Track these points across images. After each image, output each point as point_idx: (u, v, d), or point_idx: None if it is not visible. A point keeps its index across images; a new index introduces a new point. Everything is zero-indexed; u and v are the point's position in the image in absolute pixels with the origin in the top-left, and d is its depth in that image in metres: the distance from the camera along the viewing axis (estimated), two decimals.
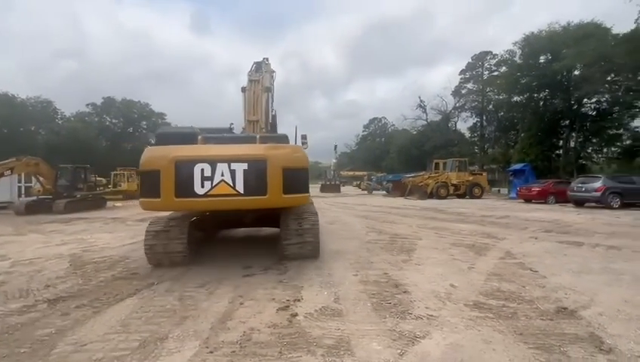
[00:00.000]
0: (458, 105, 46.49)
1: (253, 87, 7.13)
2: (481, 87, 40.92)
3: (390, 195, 25.19)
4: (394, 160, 53.34)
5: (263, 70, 7.65)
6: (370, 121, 76.63)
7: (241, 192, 4.04)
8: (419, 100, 49.74)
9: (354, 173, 43.53)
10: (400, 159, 50.84)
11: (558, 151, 30.29)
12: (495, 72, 39.96)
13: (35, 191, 15.74)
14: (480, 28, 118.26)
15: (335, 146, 39.69)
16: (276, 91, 8.38)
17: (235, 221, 5.68)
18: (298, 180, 4.38)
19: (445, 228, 8.30)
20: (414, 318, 2.92)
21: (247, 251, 5.75)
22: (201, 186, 3.97)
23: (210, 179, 3.99)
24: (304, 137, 6.26)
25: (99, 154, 38.23)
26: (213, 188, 3.99)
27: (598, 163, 30.18)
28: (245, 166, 4.07)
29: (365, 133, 77.26)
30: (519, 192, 17.95)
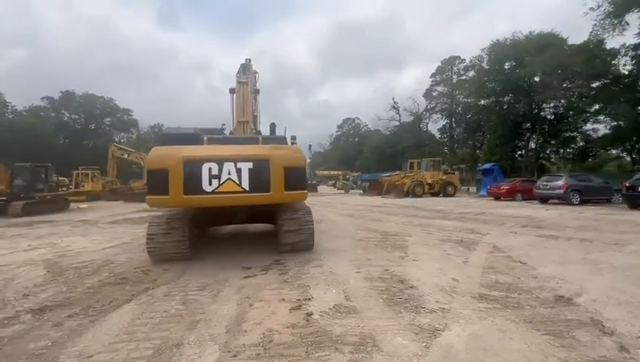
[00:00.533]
0: (429, 107, 48.14)
1: (242, 89, 7.40)
2: (451, 90, 42.74)
3: (367, 194, 25.63)
4: (367, 160, 54.31)
5: (250, 72, 7.86)
6: (344, 122, 77.53)
7: (247, 189, 4.33)
8: (392, 102, 51.08)
9: (329, 172, 43.86)
10: (373, 159, 51.88)
11: (520, 152, 32.38)
12: (463, 76, 41.93)
13: None
14: (445, 34, 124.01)
15: (310, 146, 39.68)
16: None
17: (231, 217, 5.76)
18: (297, 178, 4.67)
19: (430, 224, 8.57)
20: (429, 312, 2.98)
21: (240, 251, 5.59)
22: (209, 184, 4.21)
23: (218, 177, 4.24)
24: (293, 138, 6.64)
25: (57, 152, 35.48)
26: (220, 185, 4.25)
27: (555, 163, 32.68)
28: (250, 165, 4.37)
29: (339, 133, 78.02)
30: (489, 190, 18.96)
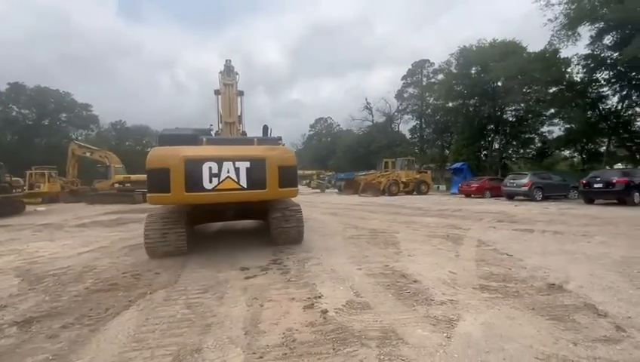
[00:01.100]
0: (401, 108, 49.76)
1: (227, 90, 7.62)
2: (421, 92, 44.45)
3: (343, 193, 25.88)
4: (340, 159, 54.97)
5: (233, 73, 8.02)
6: (317, 121, 77.77)
7: (245, 186, 4.66)
8: (365, 102, 52.12)
9: (303, 171, 43.79)
10: (346, 158, 52.64)
11: (485, 152, 34.41)
12: (433, 79, 43.77)
13: None
14: (413, 36, 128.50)
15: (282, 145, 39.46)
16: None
17: (223, 214, 5.86)
18: (290, 176, 5.05)
19: (413, 221, 8.85)
20: (439, 304, 3.08)
21: (233, 251, 5.42)
22: (209, 182, 4.47)
23: (218, 175, 4.51)
24: (279, 138, 6.89)
25: (4, 150, 32.30)
26: (220, 183, 4.53)
27: (516, 162, 35.06)
28: (248, 164, 4.68)
29: (312, 132, 78.14)
30: (461, 188, 19.96)
